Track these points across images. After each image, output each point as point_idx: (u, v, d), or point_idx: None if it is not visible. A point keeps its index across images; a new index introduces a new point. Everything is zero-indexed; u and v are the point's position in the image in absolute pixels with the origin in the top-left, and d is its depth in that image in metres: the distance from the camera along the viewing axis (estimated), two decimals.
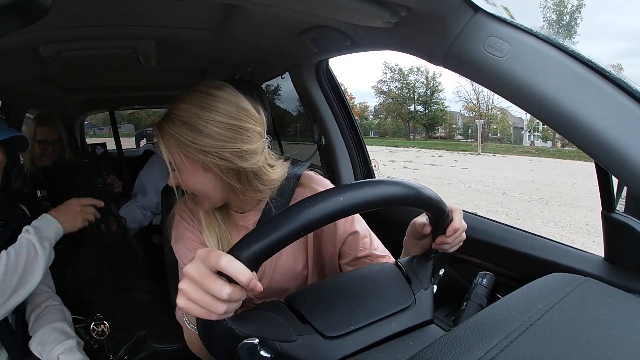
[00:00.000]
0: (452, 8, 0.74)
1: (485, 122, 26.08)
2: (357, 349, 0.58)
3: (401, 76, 27.75)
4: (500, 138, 25.96)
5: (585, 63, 0.68)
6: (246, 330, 0.54)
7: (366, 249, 0.92)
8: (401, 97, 27.81)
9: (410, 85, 27.60)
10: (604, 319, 0.51)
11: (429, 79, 27.32)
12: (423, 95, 27.61)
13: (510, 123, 26.06)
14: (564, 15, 23.51)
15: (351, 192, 0.54)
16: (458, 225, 0.71)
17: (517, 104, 0.74)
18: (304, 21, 1.10)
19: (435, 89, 27.52)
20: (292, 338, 0.56)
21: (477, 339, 0.47)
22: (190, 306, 0.51)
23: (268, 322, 0.58)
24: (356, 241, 0.91)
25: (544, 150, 20.25)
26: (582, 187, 9.62)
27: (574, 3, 23.40)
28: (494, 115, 26.11)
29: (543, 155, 18.35)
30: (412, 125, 27.92)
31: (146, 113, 13.27)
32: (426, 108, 27.60)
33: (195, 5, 1.04)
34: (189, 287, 0.50)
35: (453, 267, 1.18)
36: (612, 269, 0.85)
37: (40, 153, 2.01)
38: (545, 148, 21.43)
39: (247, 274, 0.48)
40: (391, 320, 0.63)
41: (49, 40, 1.17)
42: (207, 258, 0.50)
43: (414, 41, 0.89)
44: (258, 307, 0.63)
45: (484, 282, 0.79)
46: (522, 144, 24.08)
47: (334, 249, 0.93)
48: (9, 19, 0.47)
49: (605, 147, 0.65)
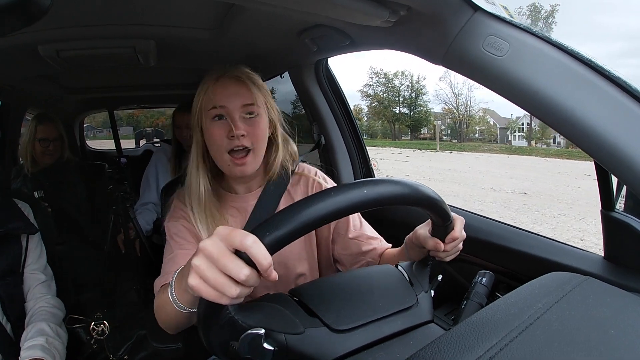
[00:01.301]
0: (452, 7, 0.74)
1: (463, 123, 28.06)
2: (363, 344, 0.58)
3: (386, 80, 29.35)
4: (482, 138, 27.59)
5: (584, 62, 0.68)
6: (250, 321, 0.53)
7: (356, 230, 0.96)
8: (386, 100, 29.28)
9: (395, 89, 29.18)
10: (603, 317, 0.51)
11: (413, 83, 29.03)
12: (408, 99, 29.10)
13: (492, 123, 27.81)
14: (538, 21, 24.67)
15: (374, 186, 0.53)
16: (458, 234, 0.71)
17: (517, 103, 0.74)
18: (304, 20, 1.10)
19: (420, 92, 29.16)
20: (299, 330, 0.55)
21: (476, 338, 0.47)
22: (201, 286, 0.47)
23: (273, 314, 0.56)
24: (347, 223, 0.96)
25: (516, 149, 22.04)
26: (490, 174, 12.33)
27: (547, 9, 24.67)
28: (472, 116, 27.94)
29: (506, 153, 20.46)
30: (397, 127, 29.29)
31: (145, 115, 13.25)
32: (411, 110, 29.09)
33: (194, 4, 1.04)
34: (204, 264, 0.47)
35: (453, 266, 1.18)
36: (611, 267, 0.85)
37: (41, 152, 2.01)
38: (519, 147, 23.37)
39: (269, 257, 0.46)
40: (396, 318, 0.62)
41: (48, 40, 1.17)
42: (230, 236, 0.47)
43: (414, 40, 0.89)
44: (261, 299, 0.62)
45: (483, 281, 0.79)
46: (504, 144, 25.65)
47: (328, 233, 0.98)
48: (9, 19, 0.47)
49: (605, 146, 0.65)
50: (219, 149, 0.85)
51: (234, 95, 0.84)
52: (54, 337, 1.05)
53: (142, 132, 4.25)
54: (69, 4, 0.92)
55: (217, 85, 0.85)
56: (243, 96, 0.84)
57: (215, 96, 0.84)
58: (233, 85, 0.84)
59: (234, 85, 0.85)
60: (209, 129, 0.85)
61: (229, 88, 0.84)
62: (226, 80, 0.85)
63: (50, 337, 1.05)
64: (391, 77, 29.37)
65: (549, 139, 25.04)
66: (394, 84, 29.36)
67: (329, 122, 1.64)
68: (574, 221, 7.27)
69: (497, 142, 26.66)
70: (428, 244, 0.73)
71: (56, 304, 1.17)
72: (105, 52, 1.31)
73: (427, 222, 0.75)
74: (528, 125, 25.74)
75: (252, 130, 0.84)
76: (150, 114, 12.52)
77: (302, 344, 0.55)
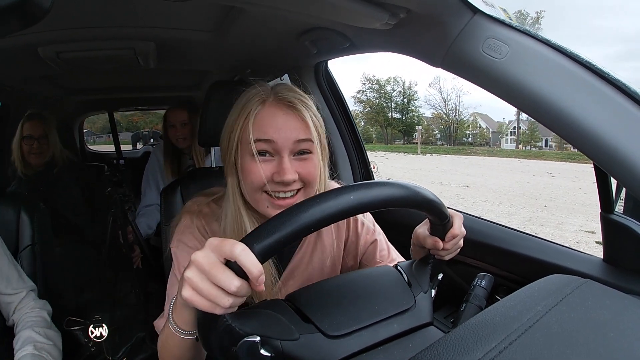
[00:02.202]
0: (451, 10, 0.74)
1: (452, 127, 29.26)
2: (359, 348, 0.58)
3: (379, 86, 30.31)
4: (474, 142, 28.71)
5: (584, 65, 0.68)
6: (246, 328, 0.53)
7: (384, 261, 0.89)
8: (378, 105, 30.23)
9: (387, 95, 30.18)
10: (603, 320, 0.51)
11: (405, 89, 30.05)
12: (400, 104, 30.10)
13: (484, 127, 29.14)
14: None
15: (361, 191, 0.54)
16: (457, 231, 0.71)
17: (516, 106, 0.74)
18: (303, 23, 1.10)
19: (412, 98, 30.19)
20: (294, 337, 0.55)
21: (476, 341, 0.47)
22: (195, 298, 0.49)
23: (269, 320, 0.57)
24: (374, 251, 0.90)
25: (498, 151, 23.24)
26: (451, 172, 13.52)
27: (532, 15, 25.54)
28: (462, 120, 29.16)
29: (487, 155, 21.58)
30: (390, 132, 30.23)
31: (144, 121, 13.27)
32: (403, 115, 30.06)
33: (194, 6, 1.04)
34: (196, 277, 0.49)
35: (452, 269, 1.18)
36: (611, 270, 0.85)
37: (27, 150, 1.95)
38: (501, 149, 24.63)
39: (259, 266, 0.47)
40: (393, 321, 0.62)
41: (48, 42, 1.17)
42: (220, 246, 0.48)
43: (413, 43, 0.90)
44: (258, 306, 0.62)
45: (482, 283, 0.79)
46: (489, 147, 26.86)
47: (354, 263, 0.90)
48: (9, 20, 0.47)
49: (604, 148, 0.65)
50: (257, 191, 0.70)
51: (285, 129, 0.68)
52: (42, 342, 1.03)
53: (139, 134, 4.24)
54: (69, 5, 0.92)
55: (264, 112, 0.69)
56: (297, 130, 0.68)
57: (261, 127, 0.68)
58: (282, 113, 0.69)
59: (284, 113, 0.69)
60: (249, 166, 0.69)
61: (278, 117, 0.68)
62: (276, 107, 0.69)
63: (39, 342, 1.02)
64: (383, 83, 30.40)
65: (538, 141, 26.07)
66: (386, 90, 30.41)
67: (329, 125, 1.63)
68: (490, 205, 8.22)
69: (490, 146, 27.55)
70: (427, 242, 0.72)
71: (40, 306, 1.13)
72: (105, 53, 1.31)
73: (425, 221, 0.75)
74: (516, 129, 26.97)
75: (305, 168, 0.70)
76: (149, 119, 12.54)
77: (297, 350, 0.55)
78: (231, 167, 0.74)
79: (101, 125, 7.09)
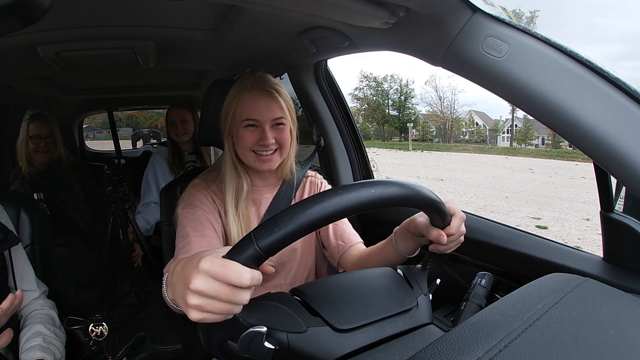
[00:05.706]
0: (451, 8, 0.74)
1: (448, 124, 29.78)
2: (365, 344, 0.57)
3: (376, 84, 30.55)
4: (469, 139, 29.22)
5: (583, 63, 0.68)
6: (252, 320, 0.52)
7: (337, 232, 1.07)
8: (375, 103, 30.44)
9: (385, 92, 30.43)
10: (603, 319, 0.51)
11: (402, 86, 30.22)
12: (397, 101, 30.29)
13: (481, 125, 29.47)
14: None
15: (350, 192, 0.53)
16: (454, 231, 0.70)
17: (516, 104, 0.74)
18: (303, 22, 1.10)
19: (408, 95, 30.36)
20: (301, 329, 0.55)
21: (476, 340, 0.47)
22: (206, 317, 0.47)
23: (276, 312, 0.56)
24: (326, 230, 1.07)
25: (489, 148, 23.78)
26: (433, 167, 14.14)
27: (527, 15, 25.67)
28: (457, 118, 29.61)
29: (478, 152, 22.10)
30: (387, 129, 30.56)
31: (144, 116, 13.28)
32: (400, 112, 30.26)
33: (194, 5, 1.04)
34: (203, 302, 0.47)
35: (452, 267, 1.18)
36: (611, 269, 0.85)
37: (34, 149, 2.01)
38: (492, 147, 25.16)
39: (246, 275, 0.47)
40: (398, 319, 0.62)
41: (48, 41, 1.17)
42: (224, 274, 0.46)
43: (413, 42, 0.89)
44: (263, 298, 0.61)
45: (482, 282, 0.79)
46: (482, 145, 27.37)
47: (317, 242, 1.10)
48: (8, 20, 0.47)
49: (604, 147, 0.65)
50: (247, 150, 0.97)
51: (265, 110, 0.95)
52: (51, 336, 1.04)
53: (139, 133, 4.22)
54: (68, 5, 0.92)
55: (250, 98, 0.95)
56: (274, 111, 0.95)
57: (249, 109, 0.95)
58: (264, 99, 0.95)
59: (265, 99, 0.95)
60: (241, 134, 0.96)
61: (260, 101, 0.95)
62: (259, 94, 0.95)
63: (48, 336, 1.03)
64: (380, 80, 30.62)
65: (533, 139, 26.31)
66: (384, 88, 30.62)
67: (329, 123, 1.63)
68: (453, 195, 8.64)
69: (486, 143, 27.79)
70: (431, 234, 0.71)
71: (50, 305, 1.14)
72: (104, 53, 1.31)
73: (421, 213, 0.74)
74: (510, 127, 27.42)
75: (279, 135, 0.97)
76: (149, 114, 12.60)
77: (305, 343, 0.54)
78: (227, 134, 0.99)
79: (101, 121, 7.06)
